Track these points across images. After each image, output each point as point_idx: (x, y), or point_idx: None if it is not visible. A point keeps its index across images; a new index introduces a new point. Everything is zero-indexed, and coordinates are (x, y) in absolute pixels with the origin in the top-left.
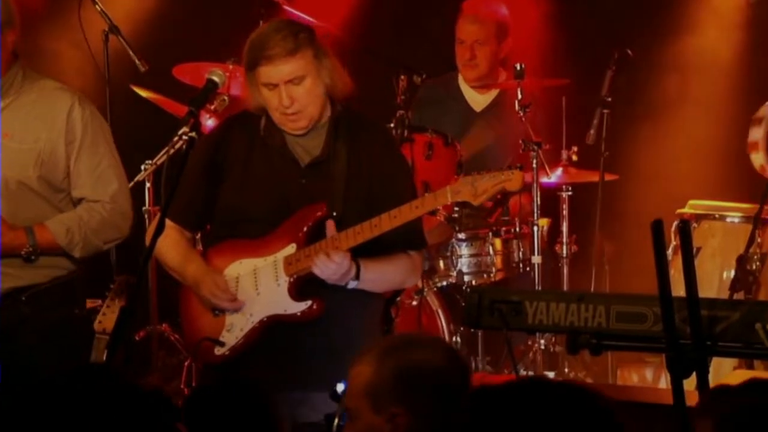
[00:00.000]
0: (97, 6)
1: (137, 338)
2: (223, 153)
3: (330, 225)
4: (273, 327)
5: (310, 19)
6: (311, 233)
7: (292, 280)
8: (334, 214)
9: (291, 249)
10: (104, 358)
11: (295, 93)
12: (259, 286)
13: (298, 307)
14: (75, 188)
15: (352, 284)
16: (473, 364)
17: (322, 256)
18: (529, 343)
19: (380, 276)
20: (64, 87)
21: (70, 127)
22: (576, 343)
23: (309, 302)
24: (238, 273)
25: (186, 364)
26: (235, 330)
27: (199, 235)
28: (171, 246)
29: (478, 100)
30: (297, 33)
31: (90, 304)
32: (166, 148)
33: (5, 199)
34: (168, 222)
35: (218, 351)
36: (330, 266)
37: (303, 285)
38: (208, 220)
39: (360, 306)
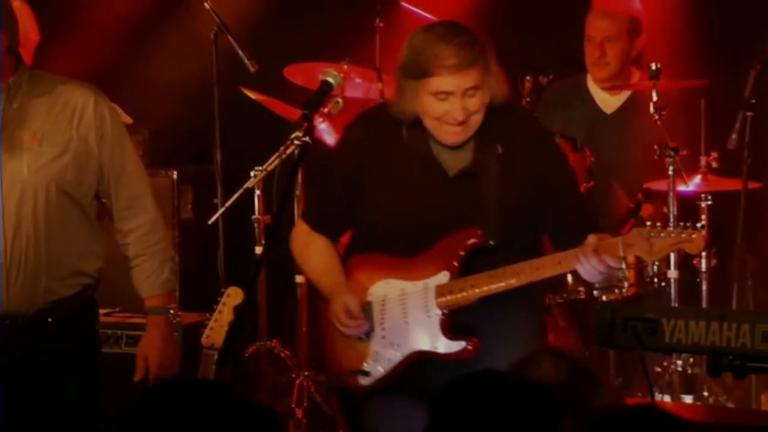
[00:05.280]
0: (206, 4)
1: (246, 355)
2: (359, 157)
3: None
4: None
5: (429, 16)
6: (465, 262)
7: (444, 315)
8: (491, 243)
9: (443, 277)
10: (212, 375)
11: (469, 104)
12: (407, 315)
13: (451, 348)
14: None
15: None
16: None
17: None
18: (665, 364)
19: None
20: (76, 81)
21: (99, 122)
22: (718, 365)
23: (463, 344)
24: (385, 294)
25: (297, 382)
26: (381, 360)
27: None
28: (314, 254)
29: (608, 101)
30: (473, 42)
31: (197, 317)
32: (277, 154)
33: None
34: (312, 231)
35: (363, 381)
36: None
37: (455, 318)
38: (348, 229)
39: (516, 337)
